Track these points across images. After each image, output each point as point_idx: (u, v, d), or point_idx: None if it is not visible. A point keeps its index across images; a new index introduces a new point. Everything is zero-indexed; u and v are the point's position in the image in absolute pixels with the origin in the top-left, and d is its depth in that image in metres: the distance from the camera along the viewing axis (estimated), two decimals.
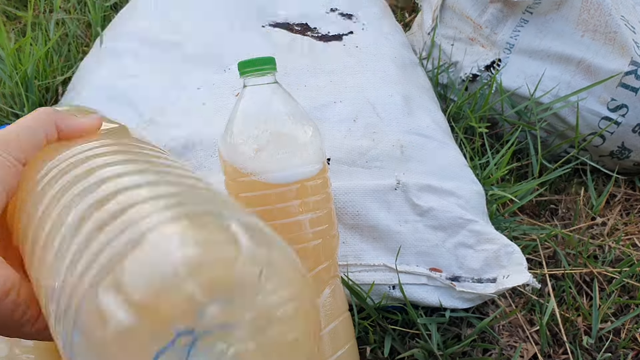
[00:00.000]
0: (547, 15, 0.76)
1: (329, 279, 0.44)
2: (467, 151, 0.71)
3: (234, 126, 0.42)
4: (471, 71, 0.81)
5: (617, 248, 0.67)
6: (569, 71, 0.76)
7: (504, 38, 0.79)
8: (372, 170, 0.55)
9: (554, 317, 0.57)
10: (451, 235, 0.53)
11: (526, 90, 0.77)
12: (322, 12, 0.80)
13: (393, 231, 0.52)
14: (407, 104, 0.63)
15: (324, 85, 0.64)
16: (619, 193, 0.79)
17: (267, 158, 0.40)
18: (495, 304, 0.57)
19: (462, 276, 0.52)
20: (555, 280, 0.63)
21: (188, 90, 0.63)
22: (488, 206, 0.61)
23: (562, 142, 0.78)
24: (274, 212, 0.41)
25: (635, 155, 0.78)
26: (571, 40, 0.76)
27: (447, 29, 0.86)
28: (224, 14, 0.74)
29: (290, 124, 0.42)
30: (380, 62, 0.69)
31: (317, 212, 0.42)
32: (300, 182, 0.41)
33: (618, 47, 0.72)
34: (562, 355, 0.55)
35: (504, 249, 0.51)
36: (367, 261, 0.51)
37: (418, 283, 0.52)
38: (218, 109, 0.60)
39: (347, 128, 0.58)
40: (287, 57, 0.69)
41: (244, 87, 0.44)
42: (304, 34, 0.75)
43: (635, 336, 0.57)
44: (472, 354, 0.53)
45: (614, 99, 0.74)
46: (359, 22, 0.78)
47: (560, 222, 0.73)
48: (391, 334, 0.52)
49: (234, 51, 0.69)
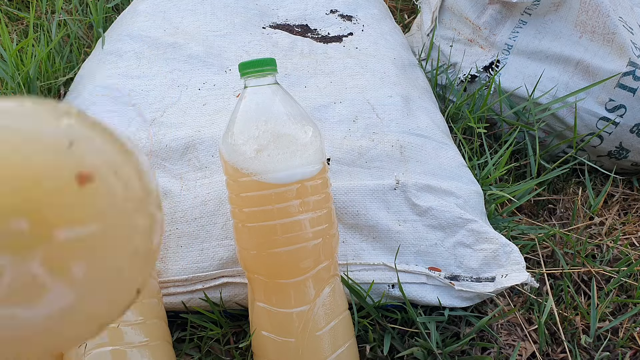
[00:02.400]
0: (546, 16, 0.77)
1: (328, 278, 0.45)
2: (466, 151, 0.72)
3: (235, 126, 0.43)
4: (470, 72, 0.82)
5: (615, 247, 0.67)
6: (567, 72, 0.77)
7: (502, 39, 0.79)
8: (371, 170, 0.55)
9: (553, 316, 0.57)
10: (450, 234, 0.53)
11: (525, 90, 0.78)
12: (322, 14, 0.81)
13: (392, 231, 0.52)
14: (406, 105, 0.63)
15: (324, 86, 0.65)
16: (617, 193, 0.80)
17: (267, 158, 0.41)
18: (493, 303, 0.58)
19: (461, 275, 0.52)
20: (553, 280, 0.63)
21: (189, 91, 0.63)
22: (486, 206, 0.62)
23: (561, 142, 0.78)
24: (274, 212, 0.41)
25: (633, 155, 0.78)
26: (569, 41, 0.76)
27: (446, 30, 0.86)
28: (224, 15, 0.75)
29: (291, 124, 0.43)
30: (379, 63, 0.69)
31: (317, 211, 0.43)
32: (300, 182, 0.42)
33: (616, 48, 0.73)
34: (561, 354, 0.55)
35: (502, 248, 0.52)
36: (367, 260, 0.52)
37: (417, 282, 0.52)
38: (219, 110, 0.61)
39: (347, 128, 0.59)
40: (288, 58, 0.69)
41: (245, 87, 0.44)
42: (304, 35, 0.76)
43: (633, 335, 0.57)
44: (471, 353, 0.53)
45: (612, 100, 0.74)
46: (358, 24, 0.79)
47: (558, 222, 0.74)
48: (390, 333, 0.52)
49: (235, 52, 0.69)
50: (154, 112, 0.61)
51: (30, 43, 0.71)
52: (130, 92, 0.63)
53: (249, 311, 0.46)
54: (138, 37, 0.70)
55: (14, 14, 1.01)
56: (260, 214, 0.41)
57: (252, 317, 0.46)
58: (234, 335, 0.53)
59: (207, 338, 0.52)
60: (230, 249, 0.50)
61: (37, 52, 0.75)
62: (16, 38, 0.92)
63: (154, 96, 0.63)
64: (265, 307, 0.44)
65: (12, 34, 0.93)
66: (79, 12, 0.98)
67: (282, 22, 0.78)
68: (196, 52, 0.68)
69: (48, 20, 0.94)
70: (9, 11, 1.00)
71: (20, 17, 1.01)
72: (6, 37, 0.72)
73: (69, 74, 0.77)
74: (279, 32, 0.75)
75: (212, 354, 0.52)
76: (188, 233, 0.52)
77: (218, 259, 0.50)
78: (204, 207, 0.52)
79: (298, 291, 0.43)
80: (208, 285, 0.50)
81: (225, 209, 0.52)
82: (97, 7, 0.87)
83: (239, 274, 0.50)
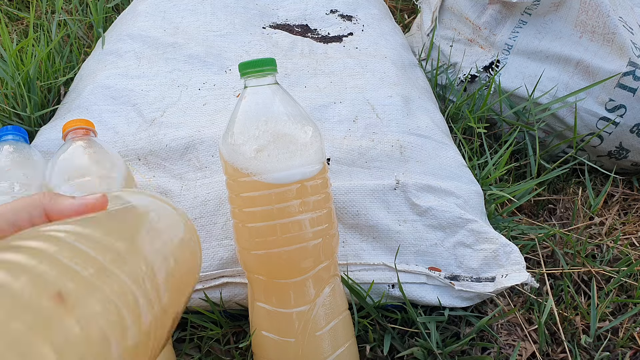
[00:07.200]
0: (546, 16, 0.77)
1: (328, 278, 0.45)
2: (466, 151, 0.72)
3: (235, 127, 0.43)
4: (470, 72, 0.82)
5: (615, 247, 0.67)
6: (567, 72, 0.77)
7: (502, 39, 0.79)
8: (371, 170, 0.55)
9: (553, 316, 0.57)
10: (450, 234, 0.53)
11: (525, 90, 0.78)
12: (322, 14, 0.81)
13: (392, 231, 0.52)
14: (406, 105, 0.63)
15: (324, 86, 0.65)
16: (617, 193, 0.80)
17: (267, 158, 0.41)
18: (493, 303, 0.58)
19: (461, 275, 0.52)
20: (553, 280, 0.63)
21: (189, 90, 0.63)
22: (486, 206, 0.62)
23: (561, 142, 0.78)
24: (274, 212, 0.41)
25: (633, 155, 0.78)
26: (569, 41, 0.76)
27: (446, 30, 0.86)
28: (224, 15, 0.75)
29: (291, 124, 0.43)
30: (379, 63, 0.69)
31: (317, 211, 0.43)
32: (300, 182, 0.42)
33: (616, 48, 0.73)
34: (561, 354, 0.55)
35: (502, 248, 0.52)
36: (367, 260, 0.52)
37: (417, 282, 0.52)
38: (219, 110, 0.61)
39: (347, 128, 0.59)
40: (288, 58, 0.69)
41: (245, 87, 0.44)
42: (304, 35, 0.76)
43: (633, 335, 0.57)
44: (471, 353, 0.53)
45: (612, 100, 0.74)
46: (358, 24, 0.79)
47: (558, 222, 0.73)
48: (390, 333, 0.52)
49: (235, 52, 0.69)
50: (154, 112, 0.61)
51: (30, 43, 0.71)
52: (130, 92, 0.63)
53: (249, 311, 0.46)
54: (138, 37, 0.70)
55: (14, 14, 1.01)
56: (260, 214, 0.41)
57: (252, 317, 0.46)
58: (234, 335, 0.53)
59: (207, 338, 0.52)
60: (230, 249, 0.50)
61: (37, 52, 0.75)
62: (16, 38, 0.92)
63: (154, 96, 0.63)
64: (265, 307, 0.44)
65: (12, 34, 0.93)
66: (79, 12, 0.98)
67: (282, 22, 0.78)
68: (196, 52, 0.68)
69: (48, 20, 0.94)
70: (9, 11, 1.00)
71: (20, 17, 1.01)
72: (6, 37, 0.72)
73: (69, 74, 0.76)
74: (279, 32, 0.75)
75: (212, 354, 0.52)
76: None
77: (218, 259, 0.50)
78: (204, 207, 0.52)
79: (298, 291, 0.43)
80: (208, 285, 0.50)
81: (225, 209, 0.52)
82: (97, 7, 0.87)
83: (239, 274, 0.50)
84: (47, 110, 0.70)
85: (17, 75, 0.68)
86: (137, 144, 0.58)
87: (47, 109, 0.71)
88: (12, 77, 0.69)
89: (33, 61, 0.71)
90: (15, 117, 0.70)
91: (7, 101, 0.70)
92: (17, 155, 0.52)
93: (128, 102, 0.62)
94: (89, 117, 0.61)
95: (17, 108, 0.70)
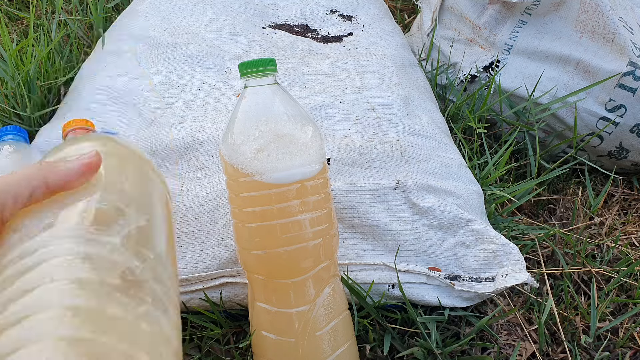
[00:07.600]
0: (546, 16, 0.77)
1: (328, 277, 0.45)
2: (466, 151, 0.72)
3: (235, 127, 0.43)
4: (470, 72, 0.82)
5: (615, 247, 0.67)
6: (567, 72, 0.77)
7: (502, 39, 0.79)
8: (371, 170, 0.55)
9: (553, 316, 0.57)
10: (450, 234, 0.53)
11: (525, 90, 0.78)
12: (322, 14, 0.81)
13: (392, 231, 0.52)
14: (406, 105, 0.63)
15: (324, 86, 0.65)
16: (617, 193, 0.80)
17: (267, 158, 0.41)
18: (493, 303, 0.58)
19: (461, 275, 0.52)
20: (553, 280, 0.63)
21: (189, 90, 0.63)
22: (487, 206, 0.62)
23: (561, 142, 0.78)
24: (274, 212, 0.41)
25: (633, 155, 0.79)
26: (569, 41, 0.76)
27: (446, 30, 0.86)
28: (224, 15, 0.75)
29: (291, 124, 0.43)
30: (379, 63, 0.69)
31: (317, 211, 0.43)
32: (300, 182, 0.42)
33: (616, 48, 0.73)
34: (561, 354, 0.55)
35: (502, 248, 0.52)
36: (367, 260, 0.52)
37: (417, 282, 0.52)
38: (219, 110, 0.61)
39: (347, 128, 0.59)
40: (288, 58, 0.69)
41: (245, 87, 0.44)
42: (304, 35, 0.76)
43: (633, 335, 0.57)
44: (471, 353, 0.53)
45: (612, 100, 0.74)
46: (358, 24, 0.79)
47: (558, 222, 0.74)
48: (390, 333, 0.52)
49: (235, 52, 0.69)
50: (154, 112, 0.61)
51: (30, 43, 0.71)
52: (130, 92, 0.63)
53: (249, 311, 0.46)
54: (138, 37, 0.70)
55: (14, 14, 1.01)
56: (260, 214, 0.41)
57: (252, 317, 0.46)
58: (234, 335, 0.54)
59: (207, 338, 0.52)
60: (230, 249, 0.50)
61: (37, 52, 0.75)
62: (16, 38, 0.92)
63: (154, 96, 0.63)
64: (265, 307, 0.44)
65: (12, 34, 0.93)
66: (79, 12, 0.98)
67: (282, 22, 0.78)
68: (196, 52, 0.68)
69: (48, 20, 0.94)
70: (9, 11, 1.00)
71: (20, 17, 1.01)
72: (6, 37, 0.72)
73: (69, 74, 0.76)
74: (279, 32, 0.75)
75: (212, 354, 0.52)
76: (188, 233, 0.52)
77: (218, 259, 0.50)
78: (204, 207, 0.52)
79: (298, 291, 0.43)
80: (208, 285, 0.50)
81: (225, 209, 0.52)
82: (97, 7, 0.87)
83: (239, 274, 0.50)
84: (47, 110, 0.70)
85: (17, 75, 0.68)
86: (137, 143, 0.58)
87: (47, 109, 0.71)
88: (12, 77, 0.69)
89: (33, 61, 0.71)
90: (15, 117, 0.71)
91: (7, 101, 0.70)
92: (17, 155, 0.52)
93: (127, 102, 0.62)
94: (89, 117, 0.61)
95: (17, 108, 0.70)
